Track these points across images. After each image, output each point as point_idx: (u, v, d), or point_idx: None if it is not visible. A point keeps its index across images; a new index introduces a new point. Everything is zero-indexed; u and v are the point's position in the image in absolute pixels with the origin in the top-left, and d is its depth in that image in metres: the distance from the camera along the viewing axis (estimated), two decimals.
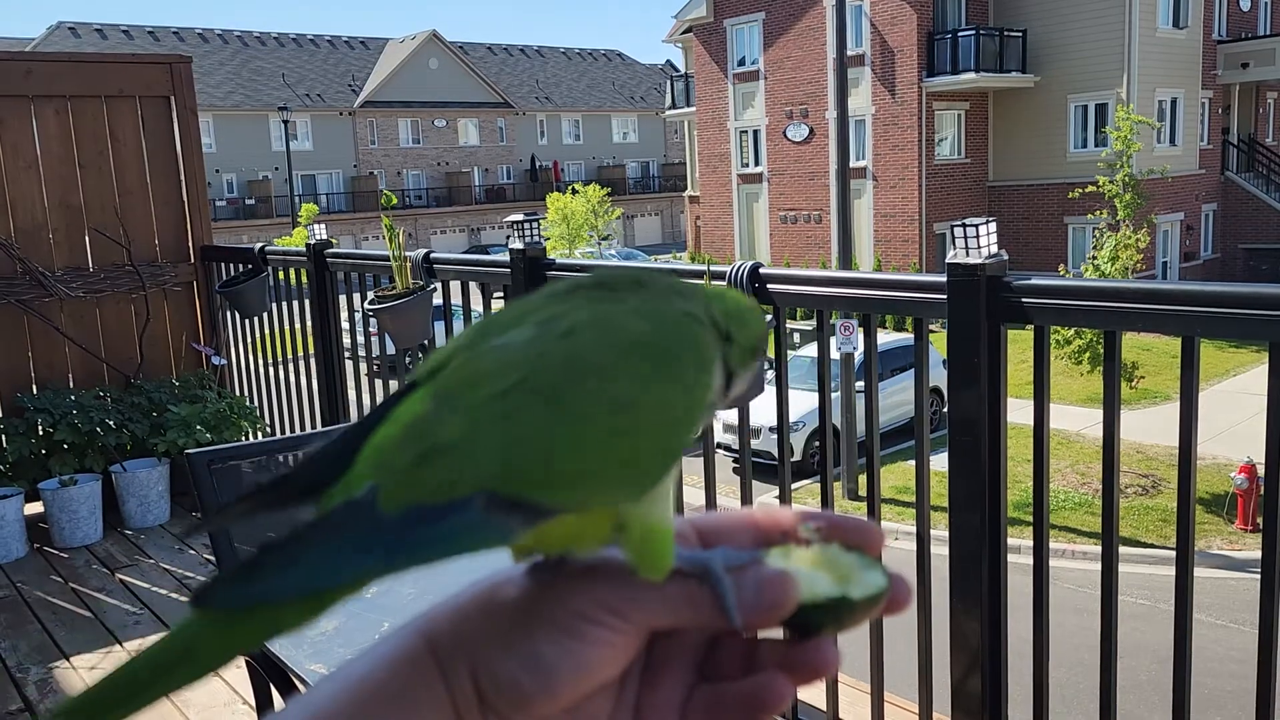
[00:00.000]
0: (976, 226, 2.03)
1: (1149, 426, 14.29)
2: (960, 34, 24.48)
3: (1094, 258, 15.42)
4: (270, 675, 1.87)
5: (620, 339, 0.40)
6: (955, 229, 2.06)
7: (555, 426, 0.38)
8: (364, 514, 0.38)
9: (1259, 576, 1.76)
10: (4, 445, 4.63)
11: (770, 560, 0.42)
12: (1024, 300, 1.99)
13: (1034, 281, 2.00)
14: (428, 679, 0.40)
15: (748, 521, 0.45)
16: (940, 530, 2.32)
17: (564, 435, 0.38)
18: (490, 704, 0.40)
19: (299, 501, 0.41)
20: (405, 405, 0.41)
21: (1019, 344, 2.09)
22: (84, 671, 3.41)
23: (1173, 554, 1.89)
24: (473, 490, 0.38)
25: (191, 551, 4.49)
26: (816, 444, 13.47)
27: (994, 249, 2.04)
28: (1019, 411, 2.10)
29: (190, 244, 5.22)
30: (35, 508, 4.66)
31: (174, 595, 4.03)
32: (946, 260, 2.09)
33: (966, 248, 2.04)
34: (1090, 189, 18.71)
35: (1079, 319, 2.01)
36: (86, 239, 4.92)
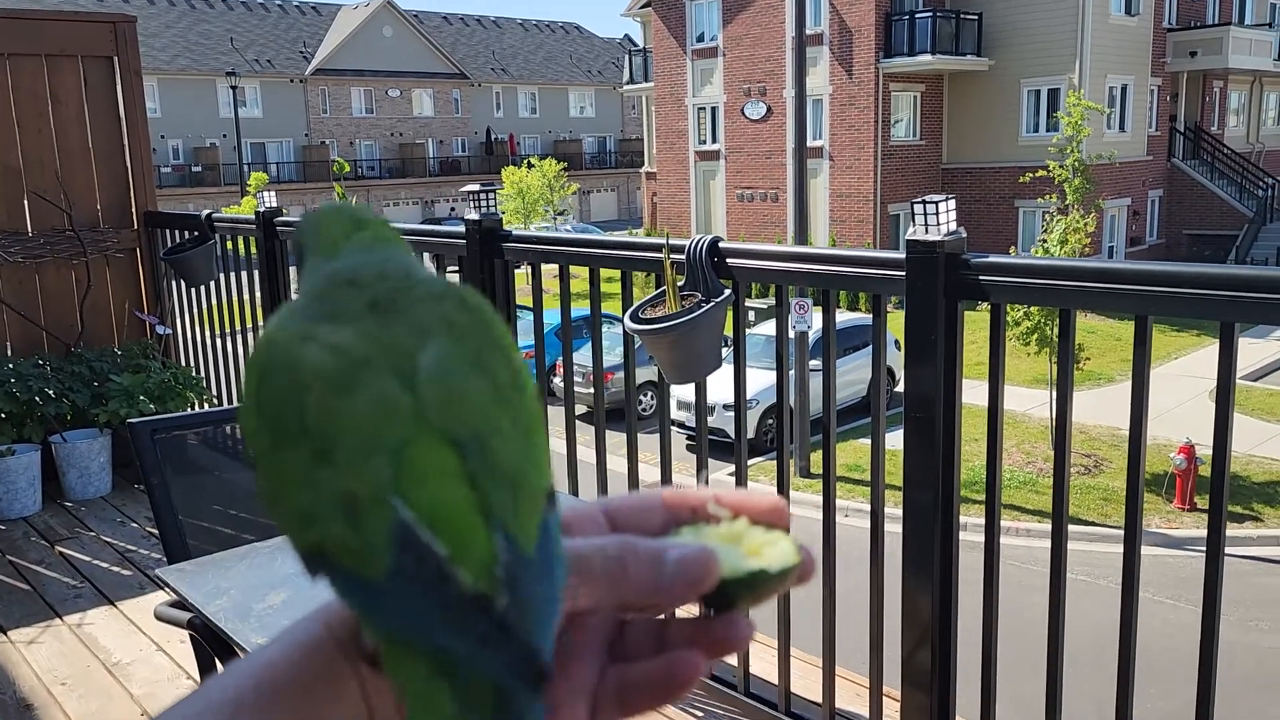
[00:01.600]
0: (936, 204, 2.03)
1: (1091, 408, 14.58)
2: (917, 15, 24.60)
3: (1044, 241, 15.63)
4: (214, 648, 1.83)
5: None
6: (915, 205, 2.06)
7: (532, 411, 0.42)
8: (527, 569, 0.39)
9: (1197, 554, 1.80)
10: None
11: (684, 538, 0.43)
12: (982, 278, 2.00)
13: (992, 259, 2.01)
14: (334, 667, 0.41)
15: (658, 502, 0.45)
16: (892, 507, 2.33)
17: (536, 416, 0.42)
18: None
19: None
20: (426, 461, 0.38)
21: (971, 325, 2.10)
22: (22, 646, 3.33)
23: (1113, 532, 1.92)
24: (547, 489, 0.41)
25: (134, 524, 4.39)
26: (770, 422, 13.58)
27: (953, 226, 2.04)
28: (969, 391, 2.12)
29: (134, 210, 5.07)
30: None
31: (115, 569, 3.95)
32: (905, 237, 2.09)
33: (926, 225, 2.04)
34: (1041, 173, 18.94)
35: (1036, 297, 2.02)
36: (25, 202, 4.77)
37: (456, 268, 3.34)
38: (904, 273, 2.09)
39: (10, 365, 4.61)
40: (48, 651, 3.29)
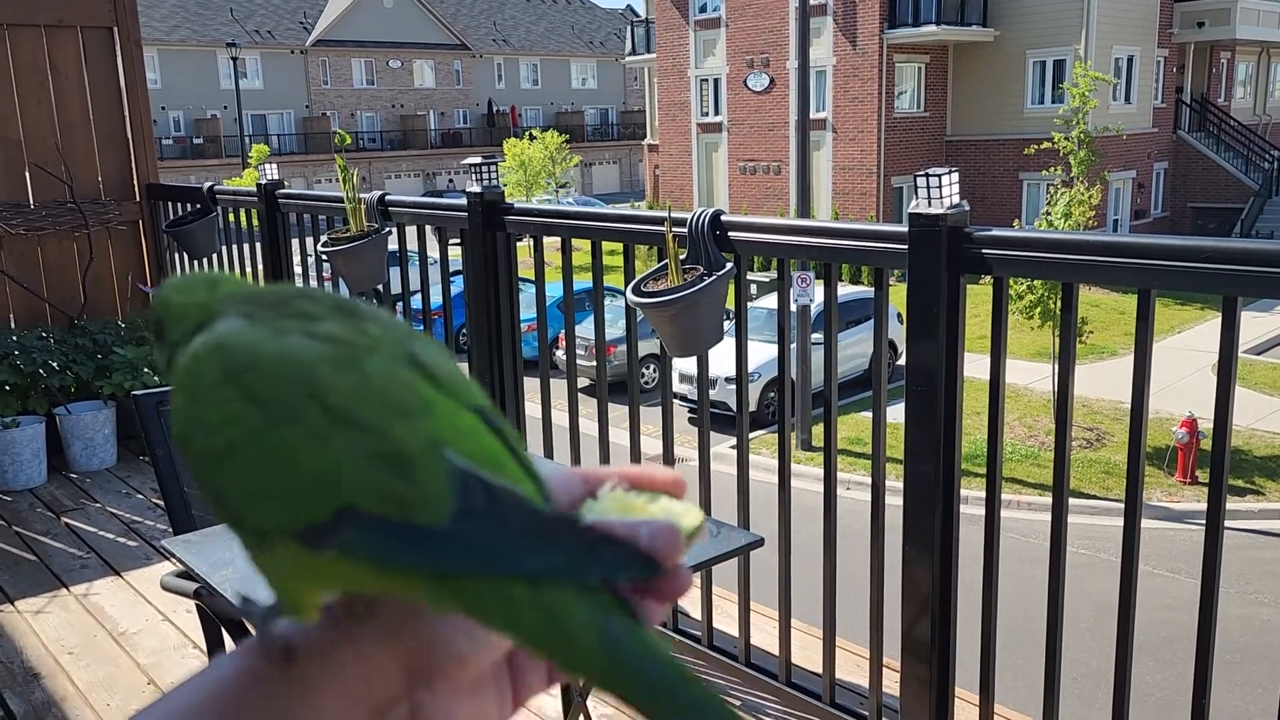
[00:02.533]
0: (939, 177, 2.02)
1: (1094, 381, 14.58)
2: None
3: (1048, 213, 15.54)
4: (220, 619, 1.85)
5: None
6: (918, 179, 2.05)
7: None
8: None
9: (1197, 527, 1.81)
10: None
11: (604, 507, 0.47)
12: (984, 251, 1.99)
13: (995, 233, 2.00)
14: (333, 654, 0.42)
15: (577, 477, 0.49)
16: (893, 480, 2.34)
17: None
18: (423, 677, 0.42)
19: None
20: (457, 421, 0.42)
21: (973, 298, 2.10)
22: (29, 615, 3.36)
23: (1114, 505, 1.93)
24: None
25: (139, 495, 4.42)
26: (771, 395, 13.53)
27: (956, 199, 2.03)
28: (971, 365, 2.12)
29: (135, 182, 5.06)
30: None
31: (121, 539, 3.97)
32: (908, 210, 2.08)
33: (929, 198, 2.03)
34: (1045, 145, 18.82)
35: (1039, 270, 2.02)
36: (27, 174, 4.76)
37: (458, 241, 3.33)
38: (906, 246, 2.08)
39: (14, 337, 4.62)
40: (55, 621, 3.32)
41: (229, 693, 0.41)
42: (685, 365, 9.36)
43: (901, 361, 13.52)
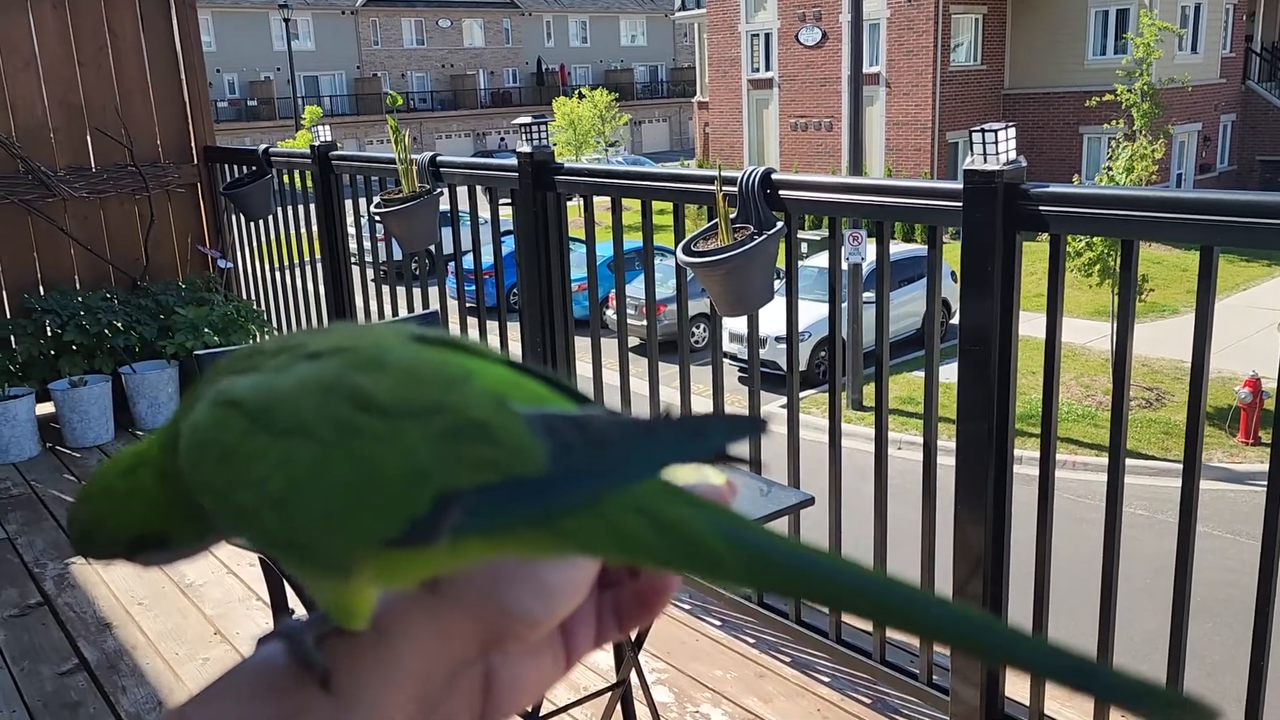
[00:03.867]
0: (995, 132, 1.99)
1: (1156, 339, 14.27)
2: None
3: (1109, 168, 15.15)
4: (284, 572, 1.90)
5: None
6: (973, 135, 2.01)
7: None
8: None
9: (1259, 488, 1.77)
10: (13, 346, 4.65)
11: None
12: (1041, 208, 1.96)
13: (1052, 189, 1.97)
14: (411, 618, 0.43)
15: None
16: (944, 440, 2.33)
17: None
18: (496, 639, 0.43)
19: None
20: (499, 371, 0.42)
21: (1029, 256, 2.06)
22: (100, 568, 3.49)
23: (1173, 466, 1.90)
24: None
25: None
26: (822, 354, 13.44)
27: (1013, 155, 1.99)
28: (1027, 324, 2.09)
29: (193, 145, 5.15)
30: (46, 408, 4.70)
31: None
32: (963, 167, 2.05)
33: (984, 154, 2.00)
34: (1108, 98, 18.30)
35: (1097, 228, 1.98)
36: (88, 138, 4.86)
37: (509, 201, 3.35)
38: (961, 204, 2.05)
39: (79, 299, 4.75)
40: (124, 573, 3.44)
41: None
42: (735, 324, 9.33)
43: (955, 320, 13.32)
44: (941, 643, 0.39)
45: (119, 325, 4.71)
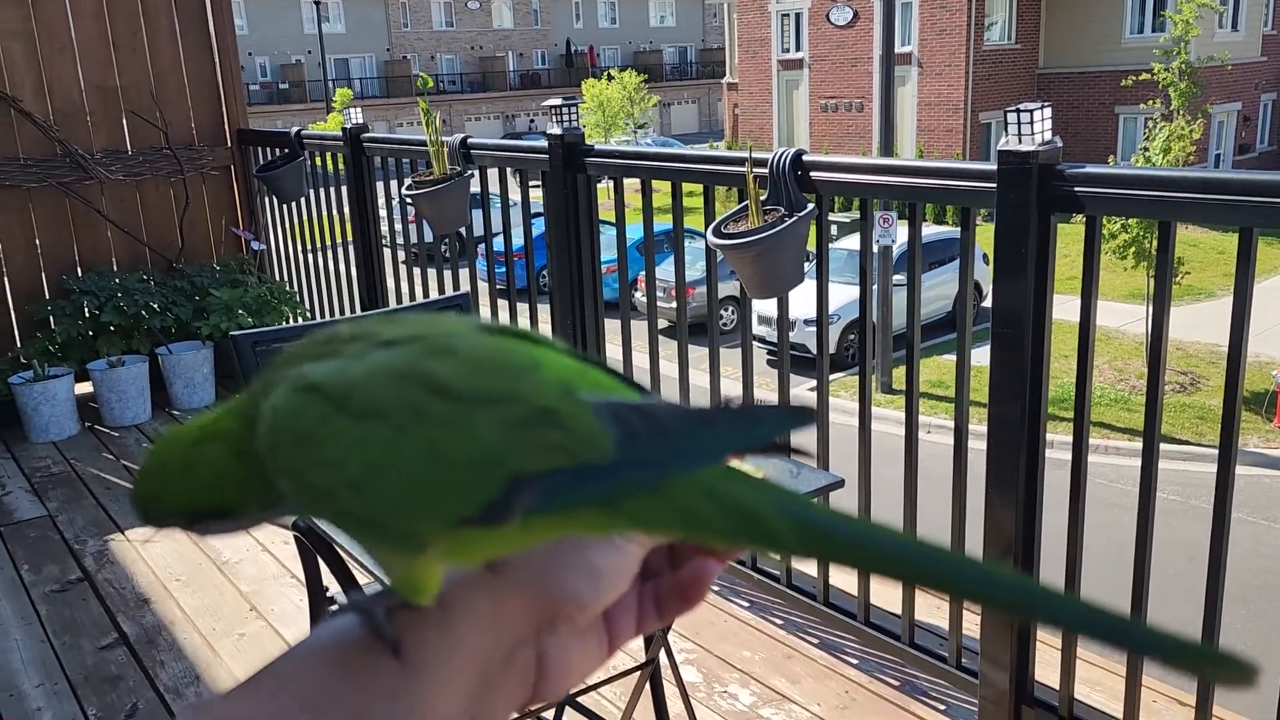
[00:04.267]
0: (1031, 112, 1.97)
1: (1191, 323, 14.07)
2: None
3: (1145, 149, 14.91)
4: (319, 549, 1.93)
5: None
6: (1008, 115, 1.99)
7: None
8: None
9: None
10: (53, 326, 4.73)
11: None
12: (1077, 189, 1.94)
13: (1088, 170, 1.94)
14: (468, 598, 0.45)
15: None
16: (975, 424, 2.32)
17: None
18: (548, 621, 0.45)
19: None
20: (566, 361, 0.44)
21: (1061, 238, 2.04)
22: (138, 544, 3.55)
23: (1207, 451, 1.88)
24: None
25: None
26: (851, 337, 13.34)
27: (1048, 136, 1.97)
28: (1060, 307, 2.07)
29: (226, 127, 5.19)
30: (84, 388, 4.78)
31: None
32: (998, 147, 2.03)
33: (1019, 134, 1.98)
34: (1144, 77, 17.99)
35: (1134, 209, 1.95)
36: (124, 121, 4.91)
37: (539, 183, 3.35)
38: (995, 185, 2.03)
39: (117, 280, 4.82)
40: (162, 550, 3.51)
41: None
42: (763, 307, 9.30)
43: (985, 303, 13.22)
44: (978, 600, 0.41)
45: (155, 307, 4.77)
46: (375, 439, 0.39)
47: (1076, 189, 1.94)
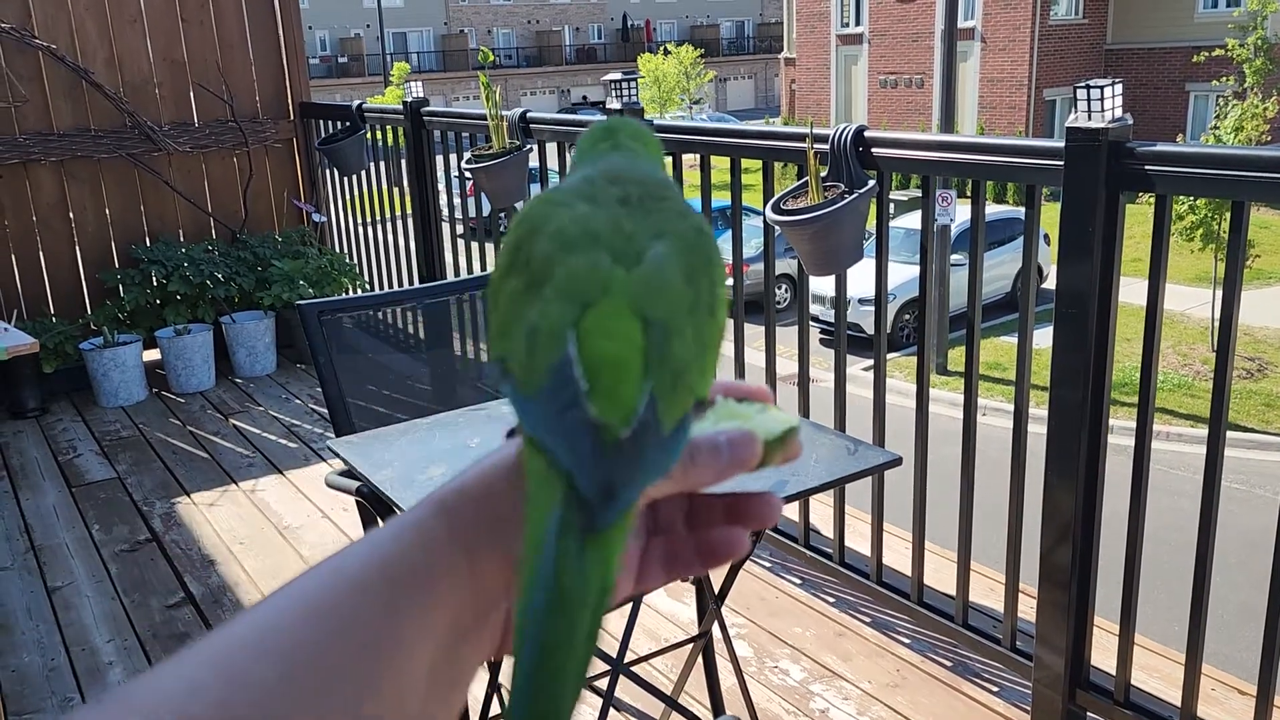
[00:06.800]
0: (1101, 89, 1.93)
1: (1260, 307, 13.70)
2: None
3: (1215, 128, 14.49)
4: (382, 515, 1.97)
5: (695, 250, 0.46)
6: (1078, 90, 1.96)
7: (714, 334, 0.46)
8: (653, 434, 0.42)
9: None
10: (121, 295, 4.85)
11: (717, 414, 0.48)
12: (1147, 168, 1.90)
13: (1159, 148, 1.90)
14: (451, 558, 0.44)
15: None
16: (1034, 407, 2.29)
17: (715, 341, 0.46)
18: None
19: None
20: (612, 323, 0.43)
21: (1127, 220, 2.00)
22: (204, 507, 3.65)
23: (1274, 439, 1.84)
24: (695, 400, 0.44)
25: (297, 401, 4.70)
26: (906, 317, 13.15)
27: (1119, 113, 1.93)
28: (1123, 289, 2.03)
29: (289, 101, 5.27)
30: (152, 354, 4.91)
31: (282, 441, 4.25)
32: (1066, 124, 1.99)
33: (1089, 111, 1.94)
34: (1218, 53, 17.45)
35: (1206, 189, 1.91)
36: (191, 94, 5.01)
37: None
38: (1062, 163, 2.00)
39: (183, 249, 4.93)
40: (226, 514, 3.60)
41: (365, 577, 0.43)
42: (818, 285, 9.22)
43: (1046, 284, 12.98)
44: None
45: (219, 276, 4.88)
46: (501, 264, 0.46)
47: (1147, 167, 1.90)
